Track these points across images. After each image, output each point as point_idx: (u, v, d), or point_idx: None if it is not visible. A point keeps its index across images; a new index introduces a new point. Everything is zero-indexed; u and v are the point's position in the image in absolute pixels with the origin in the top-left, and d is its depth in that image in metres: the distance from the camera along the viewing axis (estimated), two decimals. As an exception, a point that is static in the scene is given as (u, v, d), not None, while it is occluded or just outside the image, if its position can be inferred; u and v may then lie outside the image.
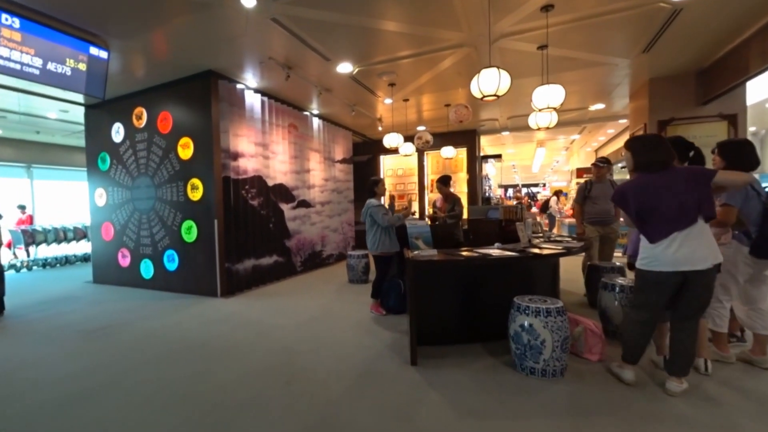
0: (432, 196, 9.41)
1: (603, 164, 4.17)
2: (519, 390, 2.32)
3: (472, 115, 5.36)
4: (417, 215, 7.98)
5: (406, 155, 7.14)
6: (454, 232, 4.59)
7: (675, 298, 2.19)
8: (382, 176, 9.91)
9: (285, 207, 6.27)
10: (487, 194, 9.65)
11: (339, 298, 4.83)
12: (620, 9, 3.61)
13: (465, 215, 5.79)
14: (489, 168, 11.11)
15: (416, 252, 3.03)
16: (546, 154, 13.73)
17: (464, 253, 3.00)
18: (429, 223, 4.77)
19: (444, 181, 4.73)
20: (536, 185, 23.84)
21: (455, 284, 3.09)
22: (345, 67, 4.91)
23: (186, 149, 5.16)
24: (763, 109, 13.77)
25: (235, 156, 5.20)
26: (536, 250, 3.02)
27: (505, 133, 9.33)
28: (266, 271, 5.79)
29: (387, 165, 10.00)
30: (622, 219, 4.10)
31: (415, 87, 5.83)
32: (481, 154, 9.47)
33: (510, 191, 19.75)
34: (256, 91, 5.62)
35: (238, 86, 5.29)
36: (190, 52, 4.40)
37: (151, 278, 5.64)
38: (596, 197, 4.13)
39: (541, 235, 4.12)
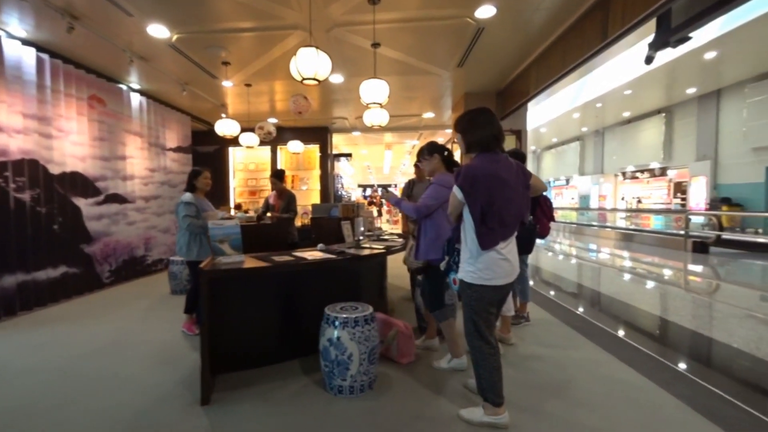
0: (289, 192, 8.78)
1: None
2: (325, 416, 1.98)
3: (311, 107, 4.97)
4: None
5: (249, 147, 6.35)
6: (289, 232, 4.12)
7: None
8: (232, 169, 8.78)
9: (83, 202, 4.77)
10: (339, 192, 9.52)
11: (148, 317, 3.81)
12: (438, 17, 3.73)
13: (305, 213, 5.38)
14: (345, 166, 11.06)
15: (218, 258, 2.43)
16: (393, 157, 14.53)
17: (277, 258, 2.54)
18: (257, 222, 4.19)
19: (277, 176, 4.20)
20: (389, 185, 25.59)
21: (269, 295, 2.60)
22: (159, 31, 3.89)
23: None
24: (539, 133, 17.77)
25: (-19, 130, 3.61)
26: (354, 251, 2.78)
27: (356, 133, 9.36)
28: (47, 288, 4.25)
29: (238, 158, 8.91)
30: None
31: (256, 71, 5.13)
32: (334, 151, 9.29)
33: (369, 190, 20.62)
34: (28, 43, 4.04)
35: (-13, 32, 3.68)
36: None
37: None
38: (417, 195, 4.21)
39: (371, 233, 3.99)
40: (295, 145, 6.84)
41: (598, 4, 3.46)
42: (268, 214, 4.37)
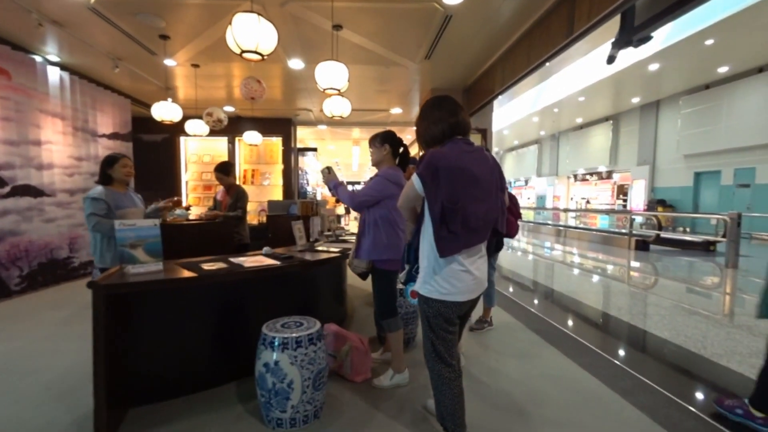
0: (245, 188, 8.09)
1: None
2: (255, 459, 1.59)
3: (265, 93, 4.46)
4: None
5: (196, 135, 5.67)
6: (236, 232, 3.62)
7: None
8: (184, 161, 7.95)
9: (-19, 194, 3.94)
10: (304, 189, 8.98)
11: (57, 333, 3.15)
12: None
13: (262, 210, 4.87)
14: (312, 162, 10.50)
15: (127, 268, 1.94)
16: (362, 153, 14.11)
17: (207, 266, 2.09)
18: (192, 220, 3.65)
19: (222, 170, 3.66)
20: (359, 183, 25.09)
21: (197, 309, 2.13)
22: (73, -10, 3.22)
23: None
24: (502, 135, 18.26)
25: None
26: (303, 256, 2.39)
27: (322, 127, 8.84)
28: (-73, 297, 3.44)
29: (190, 149, 8.09)
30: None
31: (203, 49, 4.51)
32: (299, 146, 8.73)
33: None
34: None
35: None
36: None
37: None
38: None
39: (330, 234, 3.60)
40: (251, 136, 6.23)
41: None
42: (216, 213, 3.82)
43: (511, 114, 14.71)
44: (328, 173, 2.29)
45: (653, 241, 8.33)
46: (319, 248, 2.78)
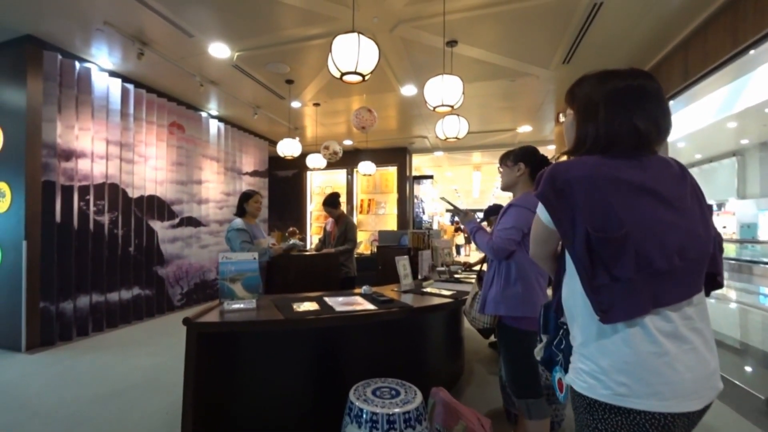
0: (361, 217, 8.39)
1: None
2: None
3: (376, 121, 4.41)
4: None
5: (316, 168, 6.08)
6: (343, 265, 3.50)
7: None
8: (309, 193, 8.76)
9: (159, 225, 4.90)
10: (419, 217, 8.77)
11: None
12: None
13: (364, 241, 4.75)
14: (429, 189, 10.33)
15: (225, 303, 1.89)
16: (483, 179, 13.28)
17: (298, 306, 1.90)
18: (314, 252, 3.67)
19: (331, 203, 3.64)
20: (480, 210, 23.74)
21: (287, 353, 1.94)
22: (220, 50, 3.79)
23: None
24: (676, 148, 14.52)
25: (69, 155, 3.83)
26: (405, 300, 2.00)
27: (438, 154, 8.59)
28: (120, 309, 4.33)
29: (315, 182, 8.89)
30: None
31: (321, 87, 4.84)
32: (416, 173, 8.64)
33: (456, 216, 19.28)
34: (114, 74, 4.32)
35: (83, 64, 3.98)
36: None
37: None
38: None
39: (444, 270, 3.13)
40: (366, 167, 6.42)
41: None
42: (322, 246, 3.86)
43: (688, 122, 11.76)
44: (463, 215, 1.90)
45: None
46: (428, 289, 2.36)
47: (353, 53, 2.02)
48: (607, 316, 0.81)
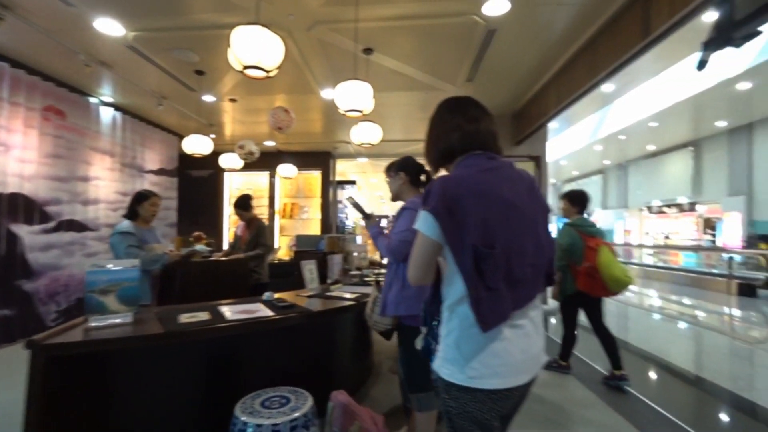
0: (284, 222, 8.06)
1: None
2: None
3: (293, 122, 4.30)
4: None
5: (232, 169, 5.70)
6: (254, 270, 3.30)
7: None
8: (227, 195, 8.15)
9: (25, 230, 4.07)
10: (342, 223, 8.73)
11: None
12: (438, 14, 3.03)
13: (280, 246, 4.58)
14: (353, 195, 10.35)
15: (92, 319, 1.62)
16: None
17: (186, 317, 1.71)
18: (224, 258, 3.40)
19: (242, 205, 3.41)
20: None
21: (172, 371, 1.73)
22: (111, 27, 3.31)
23: None
24: (559, 166, 16.98)
25: None
26: (309, 305, 1.93)
27: (362, 160, 8.68)
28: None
29: (234, 184, 8.31)
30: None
31: (236, 83, 4.54)
32: (340, 178, 8.60)
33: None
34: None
35: None
36: None
37: None
38: None
39: (357, 273, 3.13)
40: (286, 169, 6.17)
41: (638, -7, 2.76)
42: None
43: (569, 143, 13.68)
44: (366, 219, 1.90)
45: (763, 285, 6.75)
46: (334, 293, 2.32)
47: (256, 46, 1.91)
48: (487, 326, 0.91)
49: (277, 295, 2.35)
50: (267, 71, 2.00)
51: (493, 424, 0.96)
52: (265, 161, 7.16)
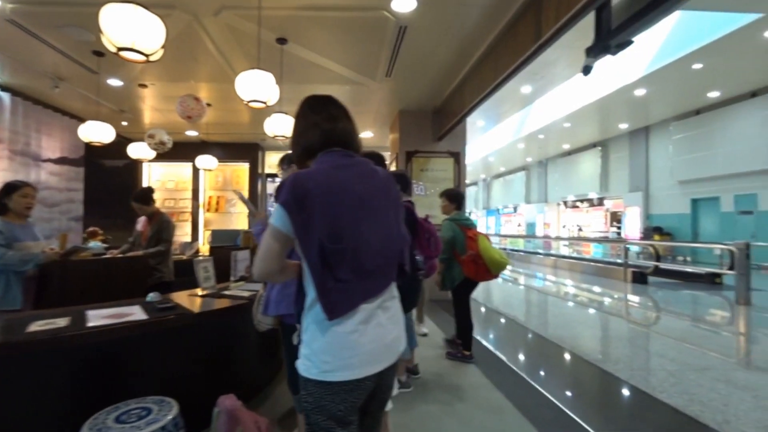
0: (209, 215, 7.59)
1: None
2: None
3: (205, 111, 4.05)
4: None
5: (143, 159, 5.22)
6: (157, 268, 3.04)
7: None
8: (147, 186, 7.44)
9: None
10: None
11: None
12: (347, 6, 3.00)
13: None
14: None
15: None
16: None
17: (39, 324, 1.52)
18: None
19: (141, 199, 3.10)
20: None
21: (26, 388, 1.53)
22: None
23: None
24: (488, 162, 18.11)
25: None
26: (191, 305, 1.82)
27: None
28: None
29: (155, 175, 7.63)
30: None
31: (146, 66, 4.13)
32: (269, 171, 8.29)
33: None
34: None
35: None
36: None
37: None
38: None
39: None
40: (206, 161, 5.78)
41: (531, 2, 2.95)
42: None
43: (497, 140, 14.54)
44: (253, 215, 1.73)
45: (652, 273, 7.74)
46: (230, 291, 2.22)
47: (130, 27, 1.72)
48: (334, 314, 0.93)
49: (172, 295, 2.19)
50: (146, 55, 1.81)
51: (349, 419, 0.97)
52: (187, 152, 6.66)
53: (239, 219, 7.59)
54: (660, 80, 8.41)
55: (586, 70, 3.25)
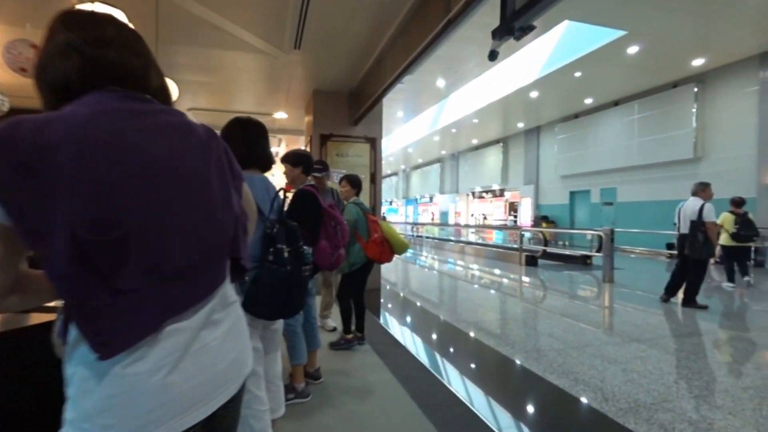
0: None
1: (321, 173, 2.75)
2: None
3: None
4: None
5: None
6: None
7: None
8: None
9: None
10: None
11: None
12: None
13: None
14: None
15: None
16: None
17: None
18: None
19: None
20: None
21: None
22: None
23: None
24: (407, 153, 18.69)
25: None
26: None
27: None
28: None
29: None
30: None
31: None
32: None
33: None
34: None
35: None
36: None
37: None
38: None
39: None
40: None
41: (441, -24, 2.74)
42: None
43: (415, 132, 14.86)
44: None
45: (540, 256, 8.63)
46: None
47: None
48: (109, 349, 0.54)
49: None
50: None
51: None
52: None
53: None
54: (549, 84, 9.30)
55: (492, 55, 3.18)
